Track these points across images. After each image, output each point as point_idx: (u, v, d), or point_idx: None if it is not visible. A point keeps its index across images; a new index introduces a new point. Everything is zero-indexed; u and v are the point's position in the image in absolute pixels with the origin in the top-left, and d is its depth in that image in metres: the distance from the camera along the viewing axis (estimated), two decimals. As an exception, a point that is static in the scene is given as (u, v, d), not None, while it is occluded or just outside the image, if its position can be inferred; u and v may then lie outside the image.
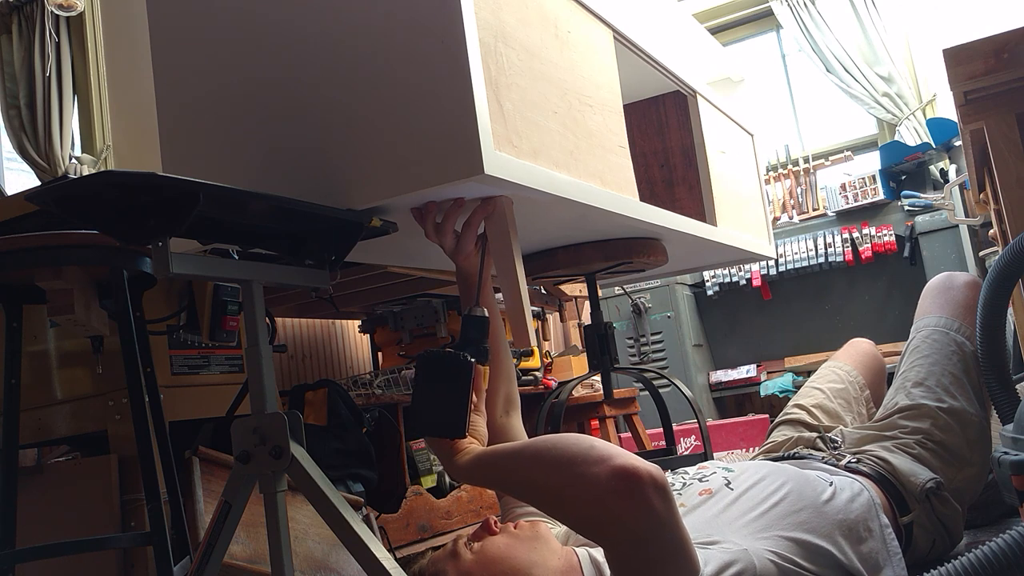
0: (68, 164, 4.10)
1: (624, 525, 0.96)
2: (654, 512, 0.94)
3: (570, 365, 3.19)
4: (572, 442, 1.02)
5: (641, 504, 0.94)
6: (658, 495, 0.95)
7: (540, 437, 1.08)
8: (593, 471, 0.96)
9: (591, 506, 0.97)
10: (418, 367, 1.09)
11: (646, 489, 0.94)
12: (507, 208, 1.22)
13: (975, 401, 1.60)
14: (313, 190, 1.18)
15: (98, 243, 1.38)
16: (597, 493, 0.96)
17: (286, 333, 2.76)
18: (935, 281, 1.80)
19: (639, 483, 0.94)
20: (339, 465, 1.95)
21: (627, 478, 0.94)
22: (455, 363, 1.07)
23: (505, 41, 1.19)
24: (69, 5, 3.90)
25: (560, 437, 1.05)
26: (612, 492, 0.95)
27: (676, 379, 2.01)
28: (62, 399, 1.75)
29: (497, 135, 1.11)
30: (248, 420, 1.08)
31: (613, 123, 1.49)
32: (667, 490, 0.96)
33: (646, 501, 0.94)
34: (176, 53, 1.31)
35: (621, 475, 0.95)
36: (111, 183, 0.92)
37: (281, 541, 1.05)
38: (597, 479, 0.96)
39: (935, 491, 1.49)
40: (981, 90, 1.33)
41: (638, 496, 0.94)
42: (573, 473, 0.98)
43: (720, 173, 2.04)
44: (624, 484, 0.94)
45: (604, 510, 0.96)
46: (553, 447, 1.03)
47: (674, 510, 0.97)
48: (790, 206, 4.32)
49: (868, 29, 4.25)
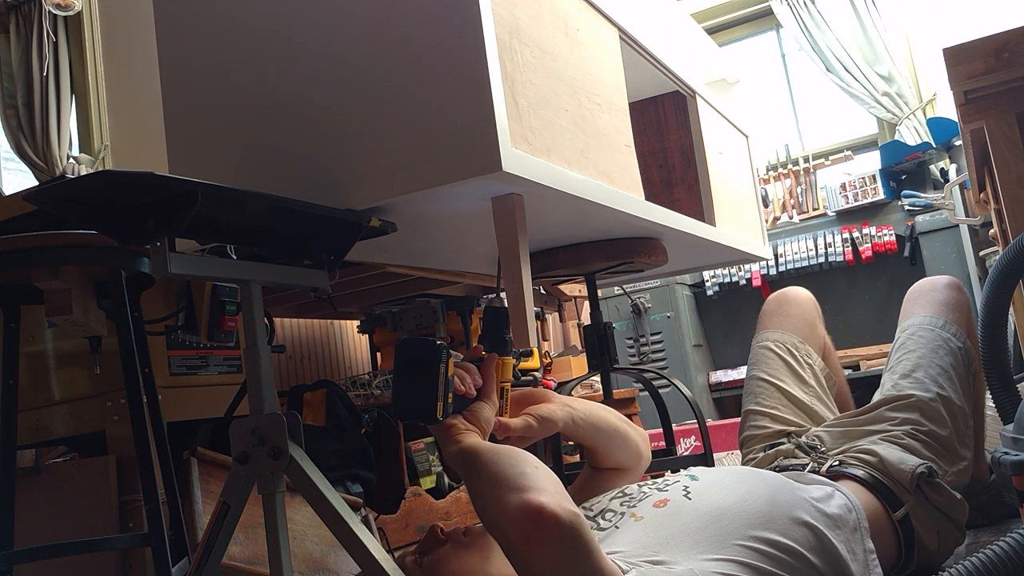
0: (66, 164, 4.10)
1: (525, 560, 0.94)
2: (555, 554, 0.92)
3: (570, 365, 3.18)
4: (510, 461, 1.00)
5: (541, 544, 0.92)
6: (564, 537, 0.92)
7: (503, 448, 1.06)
8: (508, 498, 0.95)
9: (498, 530, 0.97)
10: (395, 353, 1.10)
11: (548, 530, 0.91)
12: (517, 207, 1.22)
13: (962, 395, 1.58)
14: (316, 189, 1.17)
15: (96, 243, 1.38)
16: (502, 522, 0.95)
17: (284, 333, 2.76)
18: (916, 286, 1.81)
19: (542, 523, 0.91)
20: (338, 466, 1.95)
21: (532, 515, 0.92)
22: (425, 348, 1.07)
23: (520, 38, 1.18)
24: (67, 5, 3.89)
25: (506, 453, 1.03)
26: (514, 525, 0.93)
27: (676, 379, 2.00)
28: (60, 400, 1.74)
29: (513, 132, 1.11)
30: (246, 421, 1.07)
31: (620, 122, 1.49)
32: (575, 533, 0.93)
33: (547, 542, 0.92)
34: (183, 52, 1.31)
35: (527, 511, 0.92)
36: (109, 183, 0.91)
37: (280, 542, 1.05)
38: (507, 508, 0.94)
39: (926, 477, 1.45)
40: (981, 89, 1.33)
41: (539, 536, 0.91)
42: (494, 495, 0.97)
43: (718, 174, 2.04)
44: (529, 521, 0.92)
45: (506, 539, 0.95)
46: (492, 461, 1.01)
47: (584, 552, 0.93)
48: (790, 206, 4.31)
49: (868, 28, 4.25)
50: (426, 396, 1.05)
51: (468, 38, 1.08)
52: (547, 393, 1.29)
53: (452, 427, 1.08)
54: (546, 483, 0.97)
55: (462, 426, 1.09)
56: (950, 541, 1.49)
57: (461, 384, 1.11)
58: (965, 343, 1.65)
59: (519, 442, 1.21)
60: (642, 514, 1.18)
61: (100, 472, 1.63)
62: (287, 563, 1.05)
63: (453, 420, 1.09)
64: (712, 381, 4.16)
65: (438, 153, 1.09)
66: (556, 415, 1.23)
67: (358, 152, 1.16)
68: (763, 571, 1.11)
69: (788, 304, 1.92)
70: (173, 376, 1.79)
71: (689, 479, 1.27)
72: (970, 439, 1.58)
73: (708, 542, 1.11)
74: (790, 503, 1.22)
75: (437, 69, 1.10)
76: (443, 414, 1.07)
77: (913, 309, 1.75)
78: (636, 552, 1.08)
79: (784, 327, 1.86)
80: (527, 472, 0.98)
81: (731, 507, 1.17)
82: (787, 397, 1.75)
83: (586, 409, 1.29)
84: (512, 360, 1.21)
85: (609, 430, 1.32)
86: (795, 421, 1.72)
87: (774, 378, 1.78)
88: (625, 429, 1.35)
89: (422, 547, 1.17)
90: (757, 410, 1.76)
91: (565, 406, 1.26)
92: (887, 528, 1.42)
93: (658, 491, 1.23)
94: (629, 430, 1.36)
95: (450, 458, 1.09)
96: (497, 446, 1.07)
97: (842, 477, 1.47)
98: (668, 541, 1.11)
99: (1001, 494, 1.66)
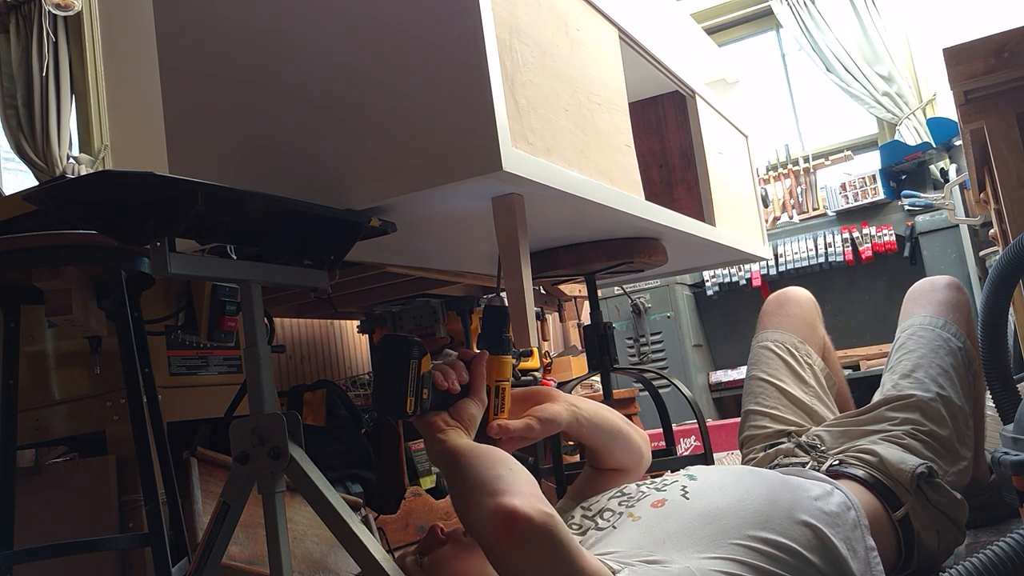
0: (66, 164, 4.10)
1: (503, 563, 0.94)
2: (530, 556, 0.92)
3: (569, 365, 3.18)
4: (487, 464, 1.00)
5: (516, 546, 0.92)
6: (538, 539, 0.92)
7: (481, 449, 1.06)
8: (483, 502, 0.95)
9: (479, 537, 0.97)
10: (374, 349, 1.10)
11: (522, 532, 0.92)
12: (517, 207, 1.22)
13: (962, 395, 1.58)
14: (316, 189, 1.17)
15: (96, 243, 1.38)
16: (479, 526, 0.96)
17: (284, 333, 2.76)
18: (916, 286, 1.81)
19: (515, 525, 0.92)
20: (338, 466, 1.95)
21: (505, 518, 0.92)
22: (395, 342, 1.07)
23: (520, 38, 1.18)
24: (67, 5, 3.89)
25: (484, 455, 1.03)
26: (489, 529, 0.94)
27: (676, 379, 2.00)
28: (60, 400, 1.74)
29: (513, 132, 1.10)
30: (246, 421, 1.07)
31: (620, 122, 1.49)
32: (550, 535, 0.93)
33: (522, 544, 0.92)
34: (183, 51, 1.31)
35: (500, 514, 0.93)
36: (109, 183, 0.91)
37: (280, 542, 1.05)
38: (482, 512, 0.95)
39: (927, 477, 1.45)
40: (981, 89, 1.33)
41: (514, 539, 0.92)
42: (471, 499, 0.98)
43: (718, 174, 2.04)
44: (502, 524, 0.93)
45: (485, 544, 0.96)
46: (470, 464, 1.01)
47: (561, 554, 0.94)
48: (790, 206, 4.31)
49: (868, 28, 4.25)
50: (396, 390, 1.06)
51: (468, 38, 1.08)
52: (552, 392, 1.29)
53: (433, 424, 1.09)
54: (521, 485, 0.97)
55: (443, 423, 1.09)
56: (950, 541, 1.49)
57: (443, 380, 1.11)
58: (965, 343, 1.65)
59: (519, 442, 1.21)
60: (640, 514, 1.18)
61: (100, 472, 1.63)
62: (287, 563, 1.05)
63: (434, 417, 1.10)
64: (712, 381, 4.16)
65: (438, 153, 1.09)
66: (560, 416, 1.23)
67: (358, 152, 1.16)
68: (762, 570, 1.10)
69: (788, 304, 1.92)
70: (173, 376, 1.79)
71: (687, 479, 1.27)
72: (970, 439, 1.58)
73: (706, 541, 1.11)
74: (789, 502, 1.22)
75: (437, 69, 1.10)
76: (415, 409, 1.07)
77: (913, 309, 1.75)
78: (633, 552, 1.07)
79: (784, 327, 1.86)
80: (502, 475, 0.98)
81: (729, 506, 1.17)
82: (787, 397, 1.75)
83: (590, 409, 1.29)
84: (511, 359, 1.21)
85: (612, 431, 1.33)
86: (795, 421, 1.72)
87: (774, 378, 1.78)
88: (627, 430, 1.35)
89: (422, 547, 1.17)
90: (757, 410, 1.76)
91: (570, 406, 1.26)
92: (887, 528, 1.41)
93: (656, 491, 1.23)
94: (631, 431, 1.36)
95: (432, 457, 1.10)
96: (476, 446, 1.07)
97: (842, 477, 1.46)
98: (665, 541, 1.11)
99: (1001, 494, 1.66)
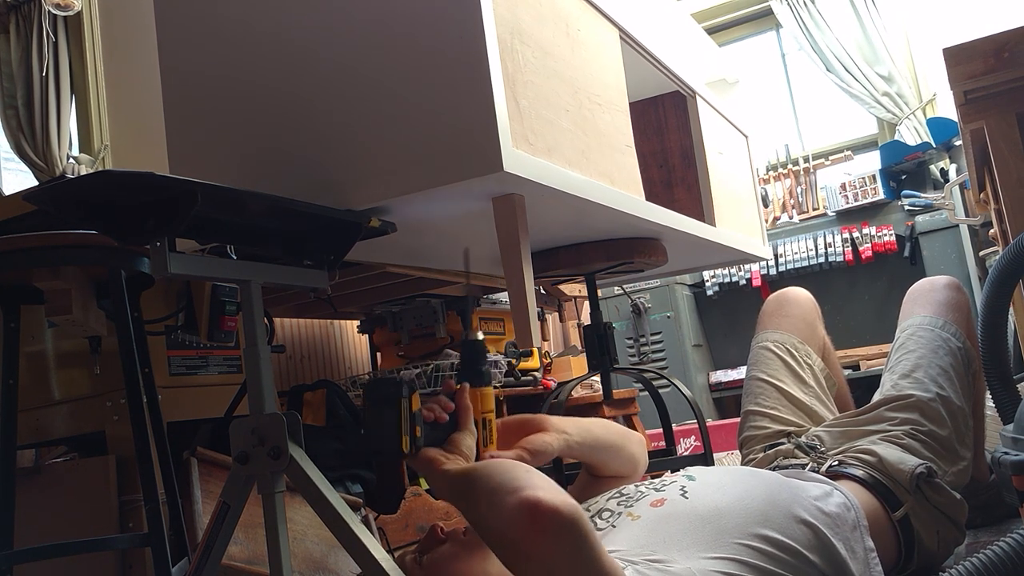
0: (66, 164, 4.10)
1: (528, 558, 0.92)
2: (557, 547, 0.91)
3: (569, 365, 3.18)
4: (501, 471, 1.00)
5: (542, 538, 0.91)
6: (564, 530, 0.91)
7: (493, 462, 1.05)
8: (504, 500, 0.94)
9: (499, 536, 0.95)
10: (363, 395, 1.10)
11: (548, 523, 0.90)
12: (518, 207, 1.22)
13: (962, 395, 1.58)
14: (316, 189, 1.17)
15: (96, 243, 1.38)
16: (502, 524, 0.94)
17: (284, 333, 2.76)
18: (916, 286, 1.81)
19: (541, 516, 0.90)
20: (338, 466, 1.95)
21: (530, 510, 0.91)
22: (385, 384, 1.07)
23: (521, 38, 1.18)
24: (66, 4, 3.89)
25: (497, 465, 1.02)
26: (514, 523, 0.92)
27: (676, 379, 2.00)
28: (60, 400, 1.74)
29: (515, 132, 1.11)
30: (246, 421, 1.07)
31: (621, 122, 1.49)
32: (576, 525, 0.92)
33: (548, 535, 0.90)
34: (183, 52, 1.31)
35: (525, 506, 0.91)
36: (109, 183, 0.91)
37: (279, 542, 1.05)
38: (504, 508, 0.93)
39: (926, 477, 1.45)
40: (981, 89, 1.33)
41: (539, 529, 0.91)
42: (490, 502, 0.96)
43: (718, 174, 2.04)
44: (528, 515, 0.91)
45: (508, 541, 0.94)
46: (486, 475, 1.00)
47: (587, 546, 0.93)
48: (790, 206, 4.31)
49: (868, 28, 4.25)
50: (391, 431, 1.05)
51: (469, 38, 1.08)
52: (543, 419, 1.28)
53: (434, 460, 1.07)
54: (541, 481, 0.96)
55: (443, 458, 1.08)
56: (950, 541, 1.49)
57: (430, 412, 1.10)
58: (965, 343, 1.65)
59: None
60: (639, 513, 1.18)
61: (100, 472, 1.63)
62: (287, 563, 1.05)
63: (433, 453, 1.08)
64: (712, 381, 4.16)
65: (439, 153, 1.09)
66: (550, 446, 1.23)
67: (358, 152, 1.16)
68: (762, 570, 1.10)
69: (788, 304, 1.92)
70: (173, 376, 1.79)
71: (686, 479, 1.27)
72: (970, 439, 1.58)
73: (706, 541, 1.11)
74: (788, 502, 1.22)
75: (438, 69, 1.10)
76: (411, 448, 1.06)
77: (913, 309, 1.75)
78: (633, 551, 1.08)
79: (784, 327, 1.86)
80: (520, 475, 0.98)
81: (729, 506, 1.17)
82: (787, 397, 1.75)
83: (581, 432, 1.28)
84: (491, 391, 1.20)
85: (604, 447, 1.33)
86: (795, 421, 1.72)
87: (774, 378, 1.78)
88: (621, 442, 1.35)
89: (422, 547, 1.17)
90: (757, 410, 1.76)
91: (561, 433, 1.25)
92: (887, 528, 1.42)
93: (655, 491, 1.23)
94: (625, 442, 1.36)
95: (440, 491, 1.08)
96: (486, 462, 1.06)
97: (841, 477, 1.47)
98: (665, 540, 1.11)
99: (1001, 494, 1.66)
